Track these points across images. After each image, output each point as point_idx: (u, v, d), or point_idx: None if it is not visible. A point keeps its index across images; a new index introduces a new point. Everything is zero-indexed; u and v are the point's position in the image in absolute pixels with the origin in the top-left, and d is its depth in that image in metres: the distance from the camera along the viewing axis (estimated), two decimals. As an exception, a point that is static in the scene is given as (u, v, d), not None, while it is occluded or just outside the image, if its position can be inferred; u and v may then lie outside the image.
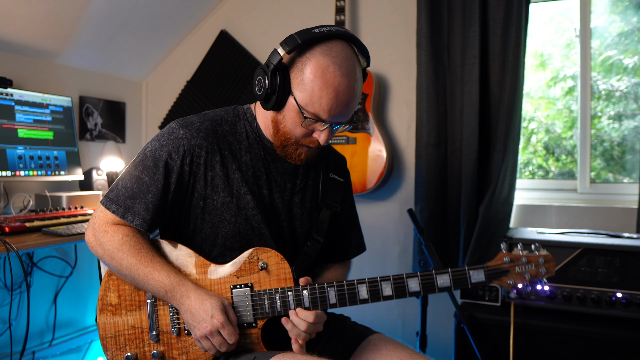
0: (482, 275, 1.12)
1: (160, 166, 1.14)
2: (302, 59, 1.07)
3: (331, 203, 1.30)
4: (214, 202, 1.17)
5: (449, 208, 2.41)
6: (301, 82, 1.07)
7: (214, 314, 1.07)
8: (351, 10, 2.69)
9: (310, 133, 1.13)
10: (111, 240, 1.14)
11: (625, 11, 2.41)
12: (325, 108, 1.07)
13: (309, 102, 1.07)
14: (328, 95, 1.05)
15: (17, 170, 2.12)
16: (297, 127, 1.11)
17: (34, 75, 2.49)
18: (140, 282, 1.13)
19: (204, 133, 1.17)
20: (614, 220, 2.22)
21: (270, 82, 1.08)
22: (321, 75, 1.05)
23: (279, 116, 1.13)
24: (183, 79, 3.08)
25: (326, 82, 1.05)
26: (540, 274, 1.12)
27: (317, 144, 1.14)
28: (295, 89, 1.08)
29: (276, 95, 1.09)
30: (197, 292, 1.10)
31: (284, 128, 1.13)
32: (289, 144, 1.15)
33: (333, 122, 1.10)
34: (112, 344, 1.19)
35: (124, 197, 1.15)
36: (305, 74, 1.06)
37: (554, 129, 2.59)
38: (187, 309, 1.09)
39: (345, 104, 1.08)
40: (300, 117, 1.09)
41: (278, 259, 1.16)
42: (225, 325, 1.07)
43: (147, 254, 1.13)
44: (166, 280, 1.11)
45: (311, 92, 1.06)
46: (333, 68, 1.05)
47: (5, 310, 2.27)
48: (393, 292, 1.13)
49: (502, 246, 1.15)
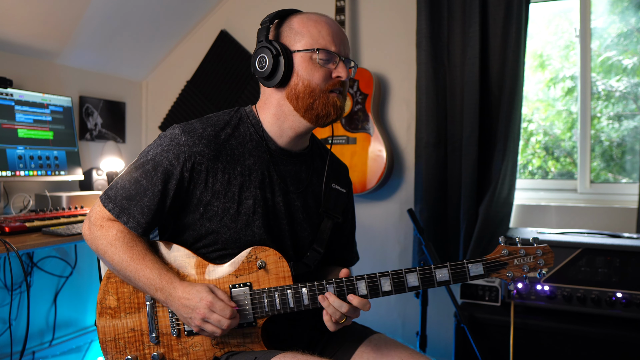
0: (481, 268, 1.12)
1: (159, 172, 1.14)
2: (285, 22, 1.19)
3: (333, 214, 1.29)
4: (215, 209, 1.16)
5: (449, 208, 2.41)
6: (295, 34, 1.16)
7: (201, 297, 1.07)
8: (351, 10, 2.69)
9: (329, 74, 1.16)
10: (105, 236, 1.15)
11: (625, 12, 2.41)
12: (328, 38, 1.15)
13: (313, 41, 1.15)
14: (324, 27, 1.16)
15: (17, 170, 2.12)
16: (315, 73, 1.15)
17: (34, 75, 2.49)
18: (132, 279, 1.13)
19: (206, 140, 1.16)
20: (614, 220, 2.22)
21: (273, 47, 1.14)
22: (307, 19, 1.17)
23: (292, 83, 1.17)
24: (183, 79, 3.08)
25: (316, 21, 1.17)
26: (539, 266, 1.12)
27: (340, 83, 1.18)
28: (294, 45, 1.16)
29: (283, 57, 1.14)
30: (182, 285, 1.11)
31: (302, 85, 1.16)
32: (315, 97, 1.16)
33: (341, 55, 1.17)
34: (112, 348, 1.19)
35: (121, 197, 1.15)
36: (295, 26, 1.17)
37: (553, 130, 2.59)
38: (178, 304, 1.09)
39: (341, 33, 1.19)
40: (312, 61, 1.15)
41: (276, 258, 1.16)
42: (215, 302, 1.07)
43: (139, 251, 1.13)
44: (157, 278, 1.11)
45: (309, 33, 1.15)
46: (313, 14, 1.19)
47: (5, 310, 2.27)
48: (392, 288, 1.12)
49: (501, 239, 1.15)
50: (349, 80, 1.20)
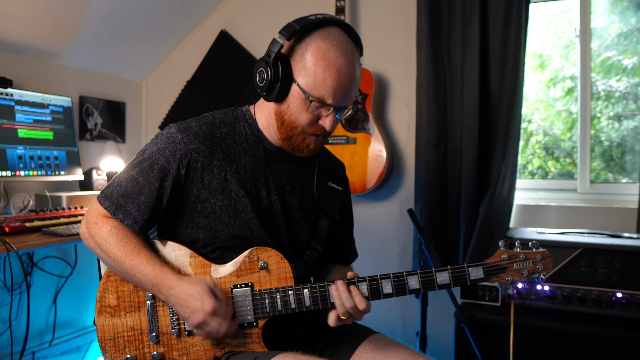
0: (481, 272, 1.14)
1: (156, 169, 1.15)
2: (302, 45, 1.09)
3: (329, 212, 1.30)
4: (212, 206, 1.17)
5: (449, 208, 2.41)
6: (303, 67, 1.09)
7: (203, 301, 1.05)
8: (351, 10, 2.69)
9: (315, 120, 1.14)
10: (99, 232, 1.15)
11: (625, 12, 2.41)
12: (330, 90, 1.08)
13: (313, 85, 1.08)
14: (331, 76, 1.07)
15: (17, 170, 2.12)
16: (303, 114, 1.12)
17: (34, 75, 2.49)
18: (128, 275, 1.13)
19: (202, 137, 1.17)
20: (614, 220, 2.22)
21: (273, 71, 1.09)
22: (323, 58, 1.07)
23: (282, 107, 1.14)
24: (183, 79, 3.08)
25: (328, 64, 1.07)
26: (538, 270, 1.14)
27: (323, 131, 1.15)
28: (298, 75, 1.10)
29: (279, 84, 1.10)
30: (180, 283, 1.09)
31: (289, 118, 1.14)
32: (295, 133, 1.15)
33: (337, 106, 1.12)
34: (111, 346, 1.18)
35: (117, 194, 1.16)
36: (307, 58, 1.08)
37: (553, 130, 2.59)
38: (176, 301, 1.08)
39: (348, 85, 1.10)
40: (305, 103, 1.10)
41: (278, 259, 1.16)
42: (218, 309, 1.06)
43: (133, 247, 1.13)
44: (151, 273, 1.10)
45: (315, 76, 1.08)
46: (333, 50, 1.07)
47: (5, 310, 2.27)
48: (393, 290, 1.13)
49: (500, 244, 1.17)
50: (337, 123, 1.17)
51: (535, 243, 1.17)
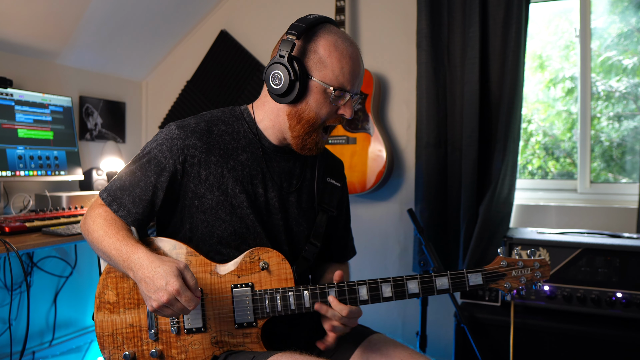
0: (480, 279, 1.16)
1: (153, 164, 1.18)
2: (311, 42, 1.14)
3: (327, 207, 1.31)
4: (209, 201, 1.18)
5: (449, 208, 2.41)
6: (319, 61, 1.13)
7: (168, 280, 0.99)
8: (351, 10, 2.69)
9: (334, 111, 1.17)
10: (90, 215, 1.19)
11: (625, 12, 2.41)
12: (348, 77, 1.13)
13: (332, 76, 1.12)
14: (347, 64, 1.13)
15: (17, 170, 2.12)
16: (323, 107, 1.15)
17: (34, 75, 2.49)
18: (106, 254, 1.12)
19: (199, 133, 1.19)
20: (614, 220, 2.22)
21: (292, 70, 1.11)
22: (335, 49, 1.13)
23: (300, 106, 1.16)
24: (183, 79, 3.09)
25: (342, 53, 1.13)
26: (536, 278, 1.17)
27: (342, 120, 1.20)
28: (314, 70, 1.13)
29: (299, 82, 1.12)
30: (150, 258, 1.05)
31: (308, 115, 1.16)
32: (315, 128, 1.17)
33: (354, 92, 1.17)
34: (110, 343, 1.18)
35: (115, 187, 1.20)
36: (320, 52, 1.13)
37: (553, 131, 2.59)
38: (141, 278, 1.03)
39: (360, 71, 1.17)
40: (326, 95, 1.14)
41: (279, 259, 1.17)
42: (182, 292, 0.99)
43: (116, 228, 1.13)
44: (124, 249, 1.08)
45: (332, 67, 1.12)
46: (342, 41, 1.14)
47: (5, 310, 2.27)
48: (393, 294, 1.15)
49: (500, 250, 1.20)
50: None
51: (533, 250, 1.20)
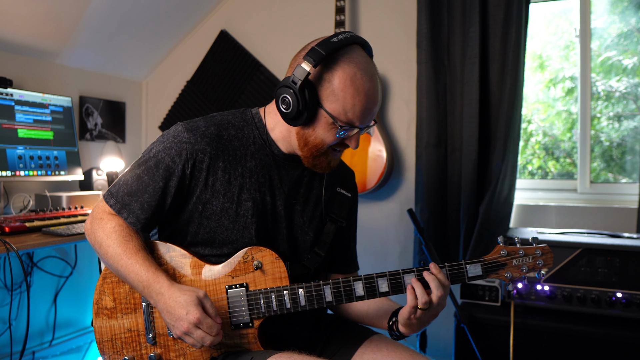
0: (479, 269, 1.12)
1: (161, 168, 1.14)
2: (328, 70, 1.08)
3: (336, 217, 1.29)
4: (213, 207, 1.16)
5: (449, 208, 2.41)
6: (331, 93, 1.08)
7: (189, 310, 1.02)
8: (351, 10, 2.69)
9: (341, 141, 1.14)
10: (103, 228, 1.15)
11: (625, 12, 2.41)
12: (358, 115, 1.09)
13: (342, 111, 1.08)
14: (360, 102, 1.07)
15: (17, 170, 2.12)
16: (330, 137, 1.12)
17: (34, 75, 2.49)
18: (123, 274, 1.12)
19: (209, 138, 1.16)
20: (614, 220, 2.22)
21: (301, 99, 1.07)
22: (351, 84, 1.06)
23: (307, 130, 1.13)
24: (183, 79, 3.08)
25: (357, 90, 1.07)
26: (538, 267, 1.11)
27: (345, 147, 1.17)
28: (325, 100, 1.09)
29: (307, 111, 1.09)
30: (170, 289, 1.06)
31: (314, 140, 1.13)
32: (321, 153, 1.15)
33: (363, 127, 1.12)
34: (109, 348, 1.19)
35: (122, 193, 1.16)
36: (335, 84, 1.07)
37: (552, 131, 2.59)
38: (164, 307, 1.06)
39: (374, 107, 1.11)
40: (332, 127, 1.11)
41: (273, 258, 1.15)
42: (203, 320, 1.02)
43: (133, 247, 1.12)
44: (144, 275, 1.08)
45: (344, 102, 1.07)
46: (360, 74, 1.07)
47: (5, 310, 2.27)
48: (390, 288, 1.12)
49: (499, 239, 1.14)
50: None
51: (535, 238, 1.13)
